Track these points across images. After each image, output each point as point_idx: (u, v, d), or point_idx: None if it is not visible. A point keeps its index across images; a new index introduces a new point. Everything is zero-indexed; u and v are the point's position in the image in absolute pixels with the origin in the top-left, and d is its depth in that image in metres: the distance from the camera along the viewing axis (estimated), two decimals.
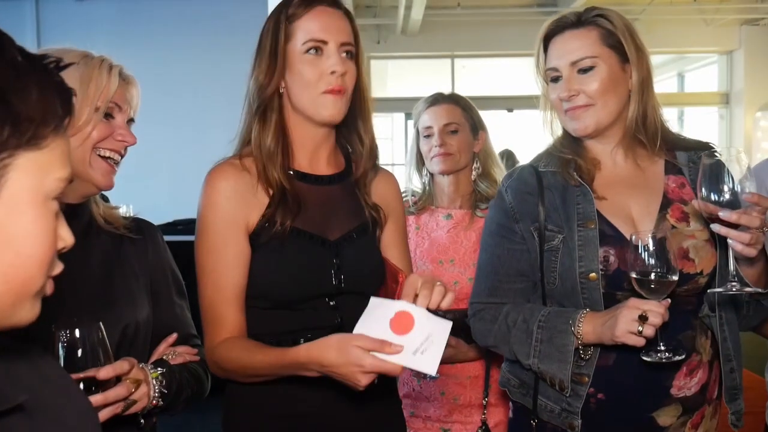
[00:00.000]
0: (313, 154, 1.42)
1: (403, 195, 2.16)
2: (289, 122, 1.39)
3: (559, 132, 1.54)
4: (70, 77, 1.14)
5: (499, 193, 1.56)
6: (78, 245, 1.23)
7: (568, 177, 1.46)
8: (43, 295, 0.75)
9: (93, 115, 1.24)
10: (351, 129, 1.45)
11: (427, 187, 2.16)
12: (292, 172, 1.38)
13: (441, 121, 2.08)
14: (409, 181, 2.20)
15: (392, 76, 9.44)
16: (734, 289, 1.29)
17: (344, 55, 1.35)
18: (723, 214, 1.23)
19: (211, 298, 1.33)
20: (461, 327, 1.68)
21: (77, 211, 1.30)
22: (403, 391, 2.05)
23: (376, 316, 1.17)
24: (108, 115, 1.27)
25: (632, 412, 1.41)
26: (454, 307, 1.88)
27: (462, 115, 2.10)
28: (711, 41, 9.07)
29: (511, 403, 1.60)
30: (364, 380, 1.13)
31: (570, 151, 1.49)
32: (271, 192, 1.35)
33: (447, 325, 1.15)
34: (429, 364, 1.12)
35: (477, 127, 2.12)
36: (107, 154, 1.28)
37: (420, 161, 2.15)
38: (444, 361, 1.89)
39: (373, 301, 1.20)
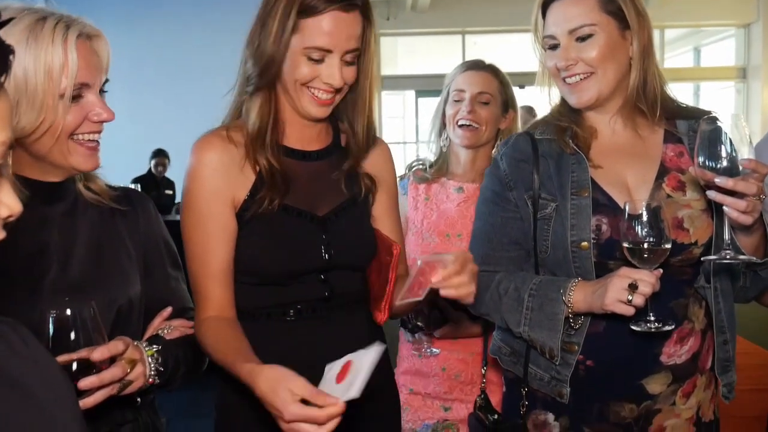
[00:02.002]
0: (303, 132, 1.40)
1: (419, 164, 2.10)
2: (281, 101, 1.37)
3: (556, 99, 1.52)
4: (21, 58, 1.07)
5: (494, 161, 1.54)
6: (66, 224, 1.22)
7: (564, 145, 1.44)
8: None
9: (59, 104, 1.11)
10: (347, 115, 1.42)
11: (444, 151, 2.08)
12: (281, 149, 1.37)
13: (475, 88, 2.00)
14: (429, 149, 2.13)
15: (402, 54, 9.36)
16: (728, 257, 1.26)
17: (348, 57, 1.31)
18: (719, 180, 1.20)
19: (197, 273, 1.33)
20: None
21: (62, 188, 1.23)
22: (402, 367, 2.04)
23: (329, 378, 1.13)
24: (77, 96, 1.15)
25: (621, 379, 1.40)
26: None
27: (497, 88, 2.03)
28: (728, 14, 8.90)
29: (504, 378, 1.60)
30: (283, 426, 1.06)
31: (567, 119, 1.47)
32: (258, 168, 1.33)
33: (372, 353, 1.11)
34: (353, 391, 1.07)
35: (508, 105, 2.05)
36: (86, 137, 1.18)
37: (442, 125, 2.07)
38: (446, 337, 1.89)
39: (327, 367, 1.16)
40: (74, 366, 1.02)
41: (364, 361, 1.11)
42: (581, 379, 1.41)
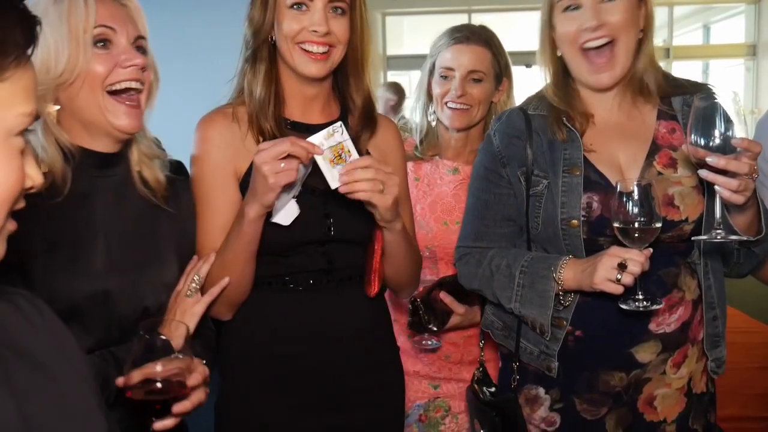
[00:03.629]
0: (306, 104, 1.43)
1: (403, 128, 1.94)
2: (282, 72, 1.40)
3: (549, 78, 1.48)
4: (49, 18, 1.14)
5: (487, 137, 1.53)
6: (114, 198, 1.25)
7: (556, 129, 1.43)
8: (8, 233, 0.71)
9: (83, 46, 1.17)
10: (345, 83, 1.45)
11: (432, 126, 1.92)
12: (283, 121, 1.40)
13: (466, 66, 1.82)
14: (413, 117, 1.96)
15: (408, 34, 9.28)
16: (719, 237, 1.26)
17: (332, 11, 1.34)
18: (711, 159, 1.19)
19: (203, 242, 1.38)
20: (468, 292, 1.62)
21: (112, 160, 1.26)
22: None
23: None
24: (106, 42, 1.19)
25: (610, 348, 1.41)
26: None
27: (490, 62, 1.85)
28: None
29: (499, 353, 1.62)
30: (261, 162, 1.21)
31: (562, 100, 1.45)
32: (261, 139, 1.36)
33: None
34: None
35: (501, 75, 1.88)
36: (122, 86, 1.20)
37: (428, 99, 1.91)
38: (455, 328, 1.80)
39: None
40: (158, 384, 1.03)
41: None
42: (570, 349, 1.42)
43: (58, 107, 1.20)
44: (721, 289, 1.45)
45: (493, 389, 1.67)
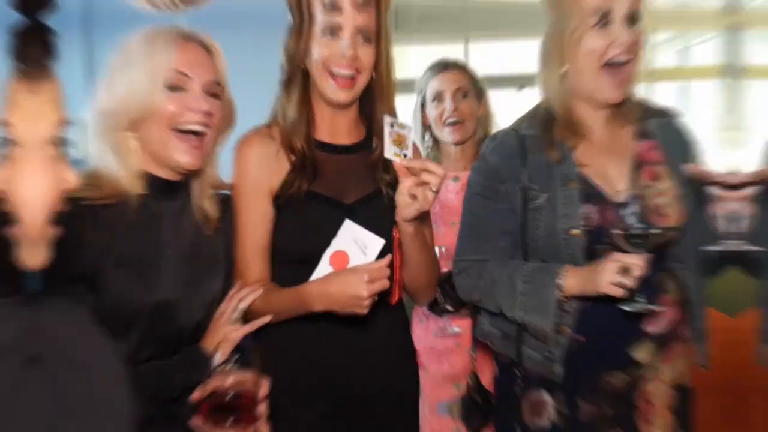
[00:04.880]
0: (333, 126, 1.52)
1: None
2: (313, 96, 1.50)
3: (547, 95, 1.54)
4: (136, 55, 1.26)
5: (482, 156, 1.58)
6: (174, 221, 1.36)
7: (549, 151, 1.50)
8: (49, 239, 0.74)
9: (156, 89, 1.26)
10: (371, 108, 1.53)
11: (429, 152, 2.22)
12: (313, 142, 1.50)
13: (453, 85, 2.17)
14: None
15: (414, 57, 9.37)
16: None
17: (360, 40, 1.42)
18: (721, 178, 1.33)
19: (239, 255, 1.48)
20: None
21: (175, 187, 1.36)
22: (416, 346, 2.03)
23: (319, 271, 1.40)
24: (178, 87, 1.28)
25: (611, 350, 1.47)
26: None
27: (469, 81, 2.21)
28: None
29: (495, 363, 1.65)
30: (364, 291, 1.31)
31: (561, 113, 1.51)
32: (293, 158, 1.47)
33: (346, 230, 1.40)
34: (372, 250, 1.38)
35: (480, 95, 2.23)
36: (187, 127, 1.29)
37: (423, 128, 2.23)
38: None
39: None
40: (229, 395, 1.13)
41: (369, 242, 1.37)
42: (574, 353, 1.48)
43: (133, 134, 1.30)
44: (701, 289, 1.54)
45: (488, 397, 1.73)
